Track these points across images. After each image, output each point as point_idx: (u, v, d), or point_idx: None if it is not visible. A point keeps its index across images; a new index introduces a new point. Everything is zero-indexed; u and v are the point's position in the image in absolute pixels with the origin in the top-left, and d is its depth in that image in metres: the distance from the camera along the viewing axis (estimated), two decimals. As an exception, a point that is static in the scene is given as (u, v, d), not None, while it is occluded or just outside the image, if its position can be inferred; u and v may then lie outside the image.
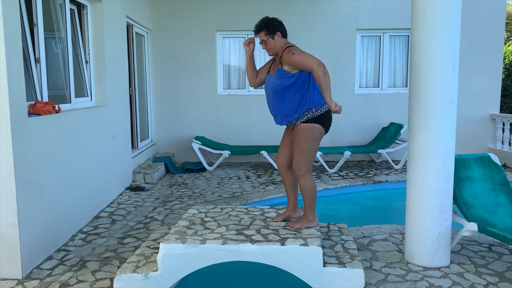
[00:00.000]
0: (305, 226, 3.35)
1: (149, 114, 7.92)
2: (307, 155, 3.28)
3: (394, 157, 7.97)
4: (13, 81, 3.23)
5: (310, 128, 3.28)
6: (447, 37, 3.25)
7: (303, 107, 3.28)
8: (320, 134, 3.30)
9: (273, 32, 3.32)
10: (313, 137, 3.27)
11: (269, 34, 3.31)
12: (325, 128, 3.33)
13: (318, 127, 3.29)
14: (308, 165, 3.30)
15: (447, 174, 3.39)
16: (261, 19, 3.38)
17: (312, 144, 3.28)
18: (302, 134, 3.28)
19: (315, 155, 3.33)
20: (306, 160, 3.28)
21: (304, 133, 3.28)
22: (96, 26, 5.27)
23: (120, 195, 5.78)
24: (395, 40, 8.22)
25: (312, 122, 3.28)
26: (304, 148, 3.27)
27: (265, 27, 3.32)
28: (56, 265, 3.58)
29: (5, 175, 3.22)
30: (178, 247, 3.00)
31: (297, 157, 3.28)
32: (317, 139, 3.29)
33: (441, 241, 3.42)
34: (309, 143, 3.27)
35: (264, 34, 3.33)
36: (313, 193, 3.37)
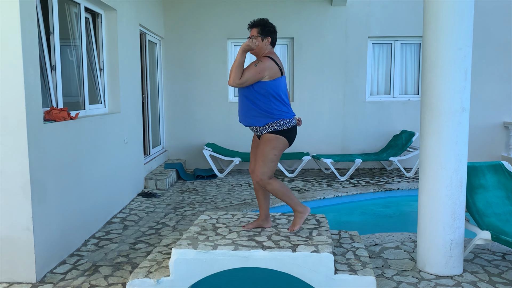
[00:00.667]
0: (302, 221, 3.40)
1: (161, 121, 8.00)
2: (269, 165, 3.31)
3: (405, 165, 7.93)
4: (29, 88, 3.30)
5: (276, 139, 3.32)
6: (459, 45, 3.25)
7: (268, 118, 3.31)
8: (284, 147, 3.36)
9: (265, 34, 3.39)
10: (276, 147, 3.31)
11: (260, 34, 3.38)
12: (289, 141, 3.39)
13: (283, 139, 3.34)
14: (269, 174, 3.32)
15: (460, 182, 3.37)
16: (261, 19, 3.44)
17: (275, 154, 3.32)
18: (267, 143, 3.32)
19: (276, 164, 3.36)
20: (268, 169, 3.30)
21: (269, 143, 3.32)
22: (110, 34, 5.36)
23: (132, 201, 5.83)
24: (406, 48, 8.21)
25: (278, 134, 3.33)
26: (267, 157, 3.30)
27: (260, 26, 3.39)
28: (69, 269, 3.62)
29: (21, 180, 3.28)
30: (190, 252, 3.02)
31: (259, 166, 3.31)
32: (280, 150, 3.34)
33: (454, 249, 3.40)
34: (272, 152, 3.31)
35: (256, 31, 3.39)
36: (285, 192, 3.37)
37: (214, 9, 7.91)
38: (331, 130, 8.13)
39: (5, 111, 3.23)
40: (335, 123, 8.12)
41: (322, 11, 7.90)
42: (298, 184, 6.84)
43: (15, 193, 3.29)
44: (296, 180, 7.18)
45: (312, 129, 8.11)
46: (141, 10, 6.44)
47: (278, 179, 7.18)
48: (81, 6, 4.69)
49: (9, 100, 3.22)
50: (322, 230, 3.46)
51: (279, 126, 3.32)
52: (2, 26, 3.16)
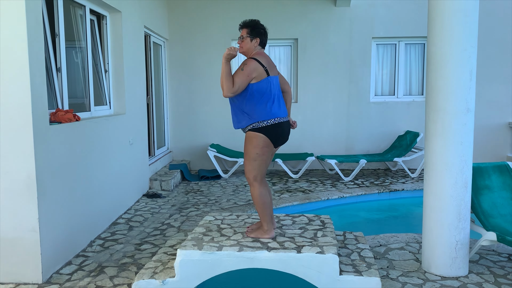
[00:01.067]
0: (258, 236, 3.31)
1: (165, 122, 8.02)
2: (253, 163, 3.29)
3: (410, 166, 7.91)
4: (35, 90, 3.32)
5: (255, 137, 3.29)
6: (464, 46, 3.25)
7: (252, 118, 3.29)
8: (264, 144, 3.28)
9: (254, 35, 3.39)
10: (257, 145, 3.27)
11: (250, 35, 3.38)
12: (270, 139, 3.30)
13: (262, 137, 3.28)
14: (255, 173, 3.29)
15: (465, 183, 3.36)
16: (252, 19, 3.44)
17: (257, 153, 3.27)
18: (247, 141, 3.34)
19: (263, 164, 3.33)
20: (253, 168, 3.28)
21: (249, 140, 3.32)
22: (115, 36, 5.38)
23: (137, 201, 5.86)
24: (410, 48, 8.19)
25: (257, 132, 3.28)
26: (249, 156, 3.31)
27: (250, 27, 3.39)
28: (75, 270, 3.64)
29: (27, 181, 3.30)
30: (195, 253, 3.03)
31: (245, 165, 3.35)
32: (261, 148, 3.27)
33: (459, 250, 3.39)
34: (253, 151, 3.28)
35: (246, 31, 3.39)
36: (262, 202, 3.30)
37: (218, 10, 7.92)
38: (335, 131, 8.12)
39: (12, 113, 3.25)
40: (339, 123, 8.12)
41: (326, 12, 7.90)
42: (302, 185, 6.84)
43: (21, 194, 3.31)
44: (300, 180, 7.18)
45: (316, 130, 8.11)
46: (146, 12, 6.47)
47: (282, 180, 7.19)
48: (86, 8, 4.71)
49: (15, 102, 3.24)
50: (327, 231, 3.46)
51: (257, 124, 3.27)
52: (8, 29, 3.19)
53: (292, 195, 6.19)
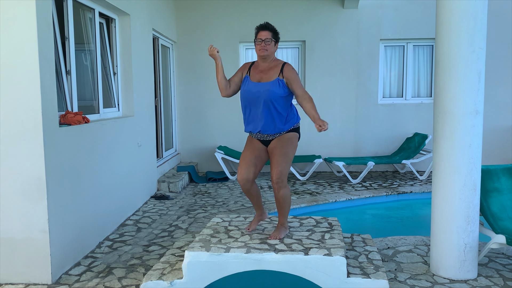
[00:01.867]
0: (284, 234, 3.39)
1: (173, 124, 8.06)
2: (290, 165, 3.35)
3: (418, 168, 7.87)
4: (46, 93, 3.36)
5: (294, 137, 3.42)
6: (473, 47, 3.23)
7: (292, 120, 3.42)
8: (297, 144, 3.48)
9: (276, 40, 3.43)
10: (296, 146, 3.41)
11: (273, 39, 3.40)
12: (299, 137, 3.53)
13: (297, 136, 3.48)
14: (287, 175, 3.35)
15: (474, 185, 3.34)
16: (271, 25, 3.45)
17: (293, 153, 3.39)
18: (288, 143, 3.34)
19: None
20: (288, 170, 3.33)
21: (290, 142, 3.36)
22: (123, 39, 5.43)
23: (145, 203, 5.89)
24: (419, 50, 8.16)
25: (296, 131, 3.46)
26: (289, 157, 3.32)
27: (273, 31, 3.42)
28: (84, 271, 3.67)
29: (37, 182, 3.34)
30: (202, 255, 3.04)
31: (282, 168, 3.25)
32: (296, 148, 3.42)
33: (468, 253, 3.37)
34: (293, 152, 3.37)
35: (270, 35, 3.38)
36: (290, 201, 3.43)
37: (226, 13, 7.95)
38: (343, 133, 8.10)
39: (22, 115, 3.29)
40: (347, 125, 8.10)
41: (334, 14, 7.90)
42: (310, 187, 6.83)
43: (31, 195, 3.35)
44: (308, 183, 7.17)
45: (324, 132, 8.06)
46: (154, 14, 6.51)
47: (289, 182, 7.19)
48: (95, 12, 4.76)
49: (26, 104, 3.28)
50: (335, 233, 3.46)
51: (296, 125, 3.48)
52: (19, 32, 3.23)
53: (299, 197, 6.19)
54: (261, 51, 3.35)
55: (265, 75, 3.40)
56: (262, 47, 3.35)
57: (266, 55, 3.38)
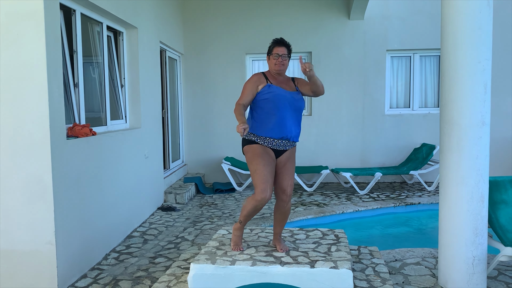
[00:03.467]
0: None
1: (180, 136, 8.10)
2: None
3: (426, 179, 7.81)
4: (53, 105, 3.40)
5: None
6: (479, 58, 3.22)
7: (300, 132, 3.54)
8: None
9: (290, 56, 3.52)
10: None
11: (288, 55, 3.48)
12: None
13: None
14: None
15: (481, 197, 3.30)
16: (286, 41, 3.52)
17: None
18: (294, 156, 3.45)
19: None
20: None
21: (294, 155, 3.47)
22: (131, 52, 5.49)
23: (152, 215, 5.90)
24: (425, 60, 8.15)
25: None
26: (294, 170, 3.44)
27: (288, 47, 3.50)
28: (90, 283, 3.68)
29: (44, 194, 3.37)
30: (208, 267, 3.04)
31: (292, 181, 3.37)
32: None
33: (477, 266, 3.32)
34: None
35: (287, 51, 3.47)
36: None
37: (233, 25, 8.02)
38: (350, 144, 8.08)
39: (30, 127, 3.33)
40: (354, 136, 8.08)
41: (340, 25, 7.93)
42: (317, 198, 6.80)
43: (38, 207, 3.38)
44: (315, 194, 7.14)
45: (331, 143, 8.09)
46: (161, 27, 6.58)
47: (296, 193, 7.17)
48: (103, 25, 4.82)
49: (34, 117, 3.32)
50: (341, 246, 3.44)
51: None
52: (28, 46, 3.29)
53: (306, 209, 6.16)
54: (277, 65, 3.39)
55: (287, 86, 3.46)
56: (279, 62, 3.40)
57: (282, 70, 3.44)
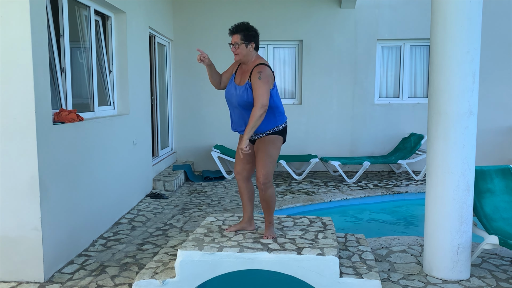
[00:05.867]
0: (274, 232, 3.43)
1: (169, 123, 8.05)
2: (273, 165, 3.35)
3: (414, 168, 7.88)
4: (39, 90, 3.34)
5: (277, 139, 3.40)
6: (467, 48, 3.24)
7: (272, 122, 3.34)
8: (281, 145, 3.45)
9: (249, 40, 3.27)
10: (278, 147, 3.40)
11: (244, 41, 3.26)
12: (284, 139, 3.50)
13: (281, 139, 3.45)
14: (272, 175, 3.35)
15: (467, 186, 3.34)
16: (241, 23, 3.31)
17: (277, 154, 3.39)
18: (270, 144, 3.34)
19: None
20: (271, 170, 3.33)
21: (272, 144, 3.35)
22: (119, 37, 5.41)
23: (140, 202, 5.88)
24: (415, 50, 8.17)
25: (277, 134, 3.40)
26: (272, 158, 3.32)
27: (243, 32, 3.26)
28: (77, 269, 3.66)
29: (30, 180, 3.33)
30: (195, 254, 3.04)
31: (266, 167, 3.27)
32: (279, 150, 3.42)
33: (461, 253, 3.37)
34: (276, 153, 3.37)
35: (239, 38, 3.26)
36: (274, 200, 3.42)
37: (223, 11, 7.94)
38: (339, 133, 8.11)
39: (15, 112, 3.28)
40: (343, 125, 8.10)
41: (331, 14, 7.90)
42: (305, 187, 6.83)
43: (24, 193, 3.34)
44: (303, 182, 7.17)
45: (320, 132, 8.10)
46: (151, 12, 6.49)
47: (285, 181, 7.19)
48: (91, 9, 4.74)
49: (19, 102, 3.27)
50: (328, 233, 3.46)
51: (278, 127, 3.40)
52: (13, 29, 3.22)
53: (295, 197, 6.18)
54: (234, 56, 3.32)
55: (242, 77, 3.34)
56: (233, 52, 3.30)
57: (239, 59, 3.34)
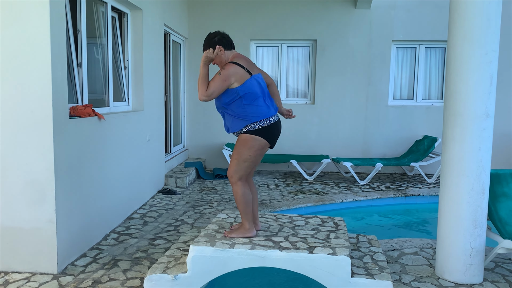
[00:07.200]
0: (240, 235, 3.29)
1: (182, 120, 8.09)
2: (242, 164, 3.26)
3: (427, 171, 7.81)
4: (56, 84, 3.39)
5: (251, 139, 3.25)
6: (486, 50, 3.20)
7: (243, 122, 3.27)
8: (260, 147, 3.27)
9: (214, 47, 3.36)
10: (252, 148, 3.25)
11: (209, 47, 3.37)
12: (267, 140, 3.29)
13: (259, 139, 3.26)
14: (241, 173, 3.27)
15: (482, 189, 3.31)
16: (205, 38, 3.43)
17: (250, 155, 3.25)
18: (241, 143, 3.28)
19: (251, 166, 3.32)
20: (240, 168, 3.26)
21: (243, 142, 3.27)
22: (135, 33, 5.45)
23: (152, 197, 5.92)
24: (431, 52, 8.09)
25: (253, 134, 3.26)
26: (240, 157, 3.26)
27: (208, 45, 3.38)
28: (89, 262, 3.70)
29: (46, 173, 3.37)
30: (207, 249, 3.05)
31: (232, 164, 3.28)
32: (255, 151, 3.26)
33: (474, 257, 3.34)
34: (247, 153, 3.25)
35: (206, 47, 3.38)
36: (244, 201, 3.29)
37: (238, 10, 7.95)
38: (352, 134, 8.07)
39: (33, 106, 3.33)
40: (356, 126, 8.06)
41: (346, 14, 7.86)
42: (317, 187, 6.81)
43: (40, 186, 3.39)
44: (315, 182, 7.15)
45: (332, 132, 8.07)
46: (166, 10, 6.53)
47: (296, 181, 7.18)
48: (108, 5, 4.79)
49: (36, 95, 3.31)
50: (340, 233, 3.45)
51: (253, 126, 3.25)
52: (32, 24, 3.27)
53: (306, 197, 6.17)
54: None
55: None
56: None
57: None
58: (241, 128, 3.29)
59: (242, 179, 3.30)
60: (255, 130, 3.25)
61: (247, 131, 3.27)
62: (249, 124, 3.25)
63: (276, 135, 3.34)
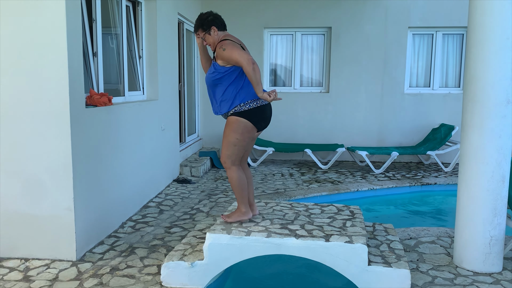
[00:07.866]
0: (237, 219, 3.32)
1: (196, 110, 8.10)
2: (232, 148, 3.23)
3: (443, 160, 7.71)
4: (73, 73, 3.41)
5: (236, 121, 3.22)
6: (507, 34, 3.11)
7: (234, 102, 3.23)
8: (246, 129, 3.22)
9: (208, 27, 3.31)
10: (237, 130, 3.21)
11: (205, 31, 3.31)
12: (253, 123, 3.24)
13: (244, 121, 3.21)
14: (233, 158, 3.25)
15: (502, 177, 3.25)
16: (197, 18, 3.37)
17: (237, 138, 3.22)
18: (228, 126, 3.26)
19: (242, 150, 3.29)
20: (232, 152, 3.23)
21: (230, 125, 3.25)
22: (149, 23, 5.45)
23: (167, 186, 5.96)
24: (448, 39, 7.94)
25: (239, 116, 3.22)
26: (229, 141, 3.23)
27: (201, 25, 3.32)
28: (107, 250, 3.75)
29: (63, 161, 3.41)
30: (224, 237, 3.06)
31: (223, 150, 3.27)
32: (242, 134, 3.22)
33: (494, 246, 3.29)
34: (234, 136, 3.22)
35: (201, 31, 3.33)
36: (239, 185, 3.28)
37: (252, -2, 7.89)
38: (367, 122, 7.99)
39: (50, 95, 3.35)
40: (372, 115, 7.98)
41: (361, 1, 7.74)
42: (331, 176, 6.78)
43: (58, 174, 3.43)
44: (329, 171, 7.12)
45: (348, 121, 8.00)
46: (180, -1, 6.51)
47: (311, 170, 7.15)
48: (122, -6, 4.79)
49: (54, 85, 3.34)
50: (356, 221, 3.43)
51: (239, 108, 3.22)
52: (48, 15, 3.28)
53: (321, 186, 6.15)
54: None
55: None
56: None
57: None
58: (228, 110, 3.26)
59: (236, 163, 3.29)
60: (241, 112, 3.23)
61: (233, 113, 3.25)
62: (236, 106, 3.23)
63: (262, 118, 3.29)
